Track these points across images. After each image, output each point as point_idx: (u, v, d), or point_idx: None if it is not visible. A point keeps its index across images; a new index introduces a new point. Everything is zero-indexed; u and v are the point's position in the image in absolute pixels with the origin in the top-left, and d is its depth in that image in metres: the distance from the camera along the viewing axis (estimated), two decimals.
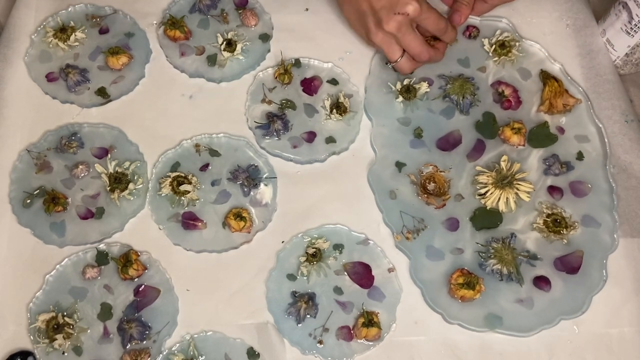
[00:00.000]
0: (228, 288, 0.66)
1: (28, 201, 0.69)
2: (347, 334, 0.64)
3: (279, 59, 0.78)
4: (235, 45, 0.77)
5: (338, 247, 0.68)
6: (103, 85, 0.75)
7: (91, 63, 0.76)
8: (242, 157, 0.72)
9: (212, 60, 0.77)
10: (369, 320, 0.64)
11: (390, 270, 0.67)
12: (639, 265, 0.68)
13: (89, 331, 0.64)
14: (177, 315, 0.65)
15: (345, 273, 0.67)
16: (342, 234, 0.69)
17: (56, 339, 0.62)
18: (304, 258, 0.67)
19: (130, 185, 0.70)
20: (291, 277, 0.67)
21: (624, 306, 0.66)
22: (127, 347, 0.63)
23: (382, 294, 0.66)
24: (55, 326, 0.63)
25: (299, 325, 0.65)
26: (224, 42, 0.77)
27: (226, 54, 0.77)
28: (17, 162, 0.71)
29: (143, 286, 0.66)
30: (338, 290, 0.66)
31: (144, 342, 0.63)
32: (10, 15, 0.79)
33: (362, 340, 0.64)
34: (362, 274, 0.67)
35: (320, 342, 0.64)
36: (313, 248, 0.67)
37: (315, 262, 0.67)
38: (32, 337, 0.63)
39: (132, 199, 0.70)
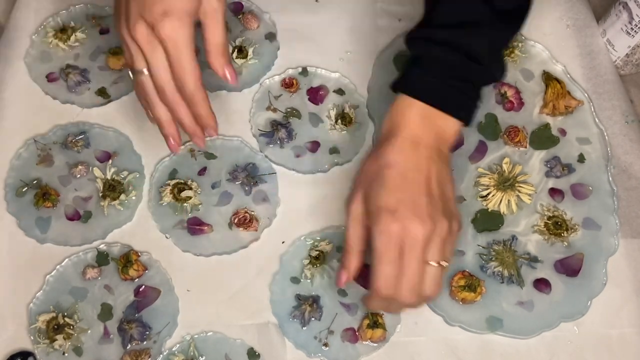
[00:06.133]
0: (229, 288, 0.66)
1: (24, 190, 0.69)
2: (352, 335, 0.64)
3: (286, 66, 0.78)
4: (247, 51, 0.77)
5: (341, 249, 0.67)
6: (103, 85, 0.75)
7: (91, 63, 0.76)
8: (240, 157, 0.72)
9: None
10: (374, 322, 0.64)
11: None
12: (639, 266, 0.68)
13: (89, 332, 0.63)
14: (177, 315, 0.65)
15: None
16: None
17: (56, 340, 0.62)
18: (307, 261, 0.67)
19: (122, 196, 0.69)
20: (295, 280, 0.67)
21: (624, 307, 0.66)
22: (128, 347, 0.63)
23: None
24: (56, 326, 0.63)
25: (303, 328, 0.64)
26: (235, 50, 0.77)
27: (240, 61, 0.77)
28: (22, 150, 0.71)
29: (143, 287, 0.66)
30: (342, 292, 0.66)
31: (144, 343, 0.63)
32: (10, 15, 0.79)
33: (367, 342, 0.64)
34: (366, 276, 0.66)
35: (326, 344, 0.64)
36: (316, 251, 0.67)
37: (318, 265, 0.67)
38: (32, 338, 0.63)
39: (121, 209, 0.69)
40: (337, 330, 0.64)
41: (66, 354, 0.62)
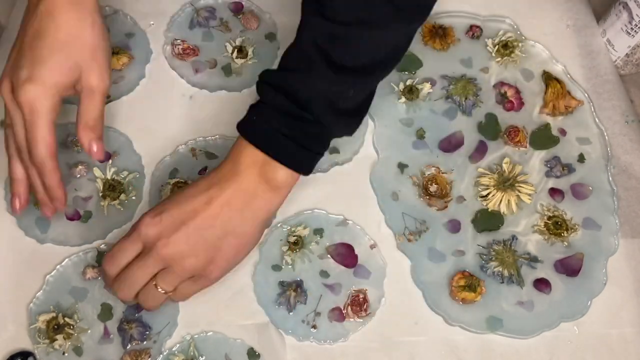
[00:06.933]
0: (228, 288, 0.66)
1: None
2: (339, 315, 0.65)
3: None
4: (247, 51, 0.77)
5: (318, 231, 0.68)
6: None
7: None
8: None
9: (227, 70, 0.77)
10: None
11: (372, 246, 0.68)
12: (639, 266, 0.68)
13: (89, 332, 0.63)
14: (177, 315, 0.64)
15: (329, 256, 0.67)
16: (321, 218, 0.69)
17: (56, 340, 0.62)
18: (286, 247, 0.67)
19: (122, 196, 0.69)
20: (276, 267, 0.67)
21: (624, 307, 0.66)
22: (128, 347, 0.63)
23: (367, 271, 0.67)
24: (56, 326, 0.62)
25: (290, 313, 0.65)
26: (235, 50, 0.77)
27: (239, 61, 0.77)
28: None
29: None
30: (324, 273, 0.67)
31: (144, 343, 0.63)
32: (10, 15, 0.79)
33: (353, 319, 0.65)
34: (345, 254, 0.68)
35: (314, 326, 0.64)
36: (294, 236, 0.67)
37: (298, 250, 0.67)
38: (32, 338, 0.63)
39: (121, 209, 0.69)
40: (324, 312, 0.65)
41: (66, 354, 0.62)
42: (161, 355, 0.63)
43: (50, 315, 0.63)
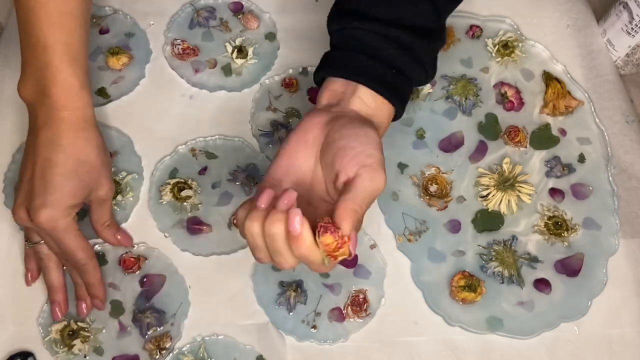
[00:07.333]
0: (228, 289, 0.66)
1: None
2: (339, 315, 0.65)
3: (286, 66, 0.78)
4: (247, 51, 0.77)
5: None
6: (103, 85, 0.75)
7: (91, 63, 0.76)
8: (241, 157, 0.72)
9: (227, 70, 0.77)
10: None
11: (372, 246, 0.68)
12: (639, 266, 0.68)
13: (104, 330, 0.63)
14: (187, 294, 0.65)
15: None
16: None
17: (75, 345, 0.62)
18: None
19: (119, 197, 0.69)
20: (276, 267, 0.66)
21: (624, 307, 0.66)
22: (147, 335, 0.63)
23: (367, 271, 0.67)
24: (71, 333, 0.62)
25: (290, 314, 0.65)
26: (235, 50, 0.77)
27: (239, 61, 0.77)
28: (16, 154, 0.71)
29: (147, 276, 0.66)
30: (324, 274, 0.67)
31: (162, 327, 0.63)
32: (10, 15, 0.79)
33: (353, 319, 0.65)
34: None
35: (314, 327, 0.64)
36: None
37: None
38: (50, 349, 0.62)
39: (117, 209, 0.69)
40: (324, 312, 0.65)
41: (87, 357, 0.62)
42: (171, 355, 0.63)
43: (62, 324, 0.63)
